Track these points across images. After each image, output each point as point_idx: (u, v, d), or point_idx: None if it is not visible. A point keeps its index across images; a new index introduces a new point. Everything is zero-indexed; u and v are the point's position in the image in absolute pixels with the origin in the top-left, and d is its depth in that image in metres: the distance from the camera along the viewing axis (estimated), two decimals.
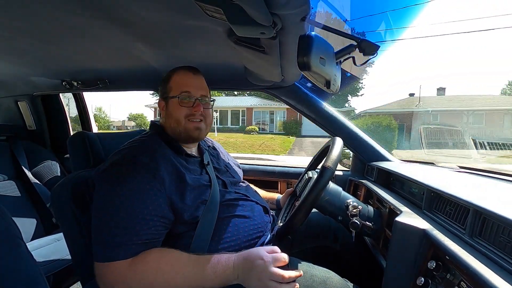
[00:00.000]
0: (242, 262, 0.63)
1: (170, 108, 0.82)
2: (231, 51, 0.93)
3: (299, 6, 0.53)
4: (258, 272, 0.61)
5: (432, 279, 0.56)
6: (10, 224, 0.45)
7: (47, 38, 0.88)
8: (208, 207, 0.74)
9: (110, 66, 1.22)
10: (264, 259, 0.62)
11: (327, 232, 1.01)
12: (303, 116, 1.38)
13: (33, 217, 1.41)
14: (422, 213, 0.72)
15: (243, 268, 0.62)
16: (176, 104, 0.80)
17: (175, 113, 0.80)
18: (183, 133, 0.81)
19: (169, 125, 0.82)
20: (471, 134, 7.35)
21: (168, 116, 0.82)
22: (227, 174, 0.93)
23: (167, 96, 0.83)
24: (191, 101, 0.81)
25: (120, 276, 0.60)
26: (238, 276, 0.62)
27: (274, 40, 0.67)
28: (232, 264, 0.63)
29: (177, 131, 0.81)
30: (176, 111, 0.80)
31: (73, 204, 0.76)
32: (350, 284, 0.75)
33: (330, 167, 0.75)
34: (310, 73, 0.62)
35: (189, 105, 0.81)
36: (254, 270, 0.61)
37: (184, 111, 0.80)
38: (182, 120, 0.80)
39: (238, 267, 0.63)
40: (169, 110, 0.82)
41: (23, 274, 0.43)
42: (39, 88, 1.66)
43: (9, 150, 1.53)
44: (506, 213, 0.46)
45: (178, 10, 0.66)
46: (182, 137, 0.82)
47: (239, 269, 0.63)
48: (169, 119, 0.82)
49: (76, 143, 0.89)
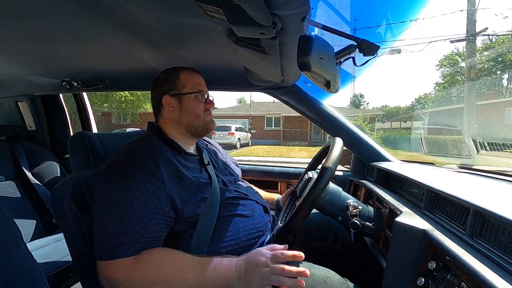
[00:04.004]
0: (243, 262, 0.64)
1: (187, 104, 0.85)
2: (231, 51, 0.93)
3: (299, 6, 0.53)
4: (259, 269, 0.61)
5: (432, 280, 0.56)
6: (11, 224, 0.45)
7: (47, 38, 0.88)
8: (208, 205, 0.74)
9: (110, 66, 1.22)
10: (264, 256, 0.63)
11: (327, 232, 1.01)
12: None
13: (33, 218, 1.41)
14: (422, 214, 0.72)
15: (244, 269, 0.63)
16: (194, 99, 0.85)
17: (194, 108, 0.85)
18: (201, 126, 0.86)
19: (186, 120, 0.85)
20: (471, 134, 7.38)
21: (184, 111, 0.85)
22: (225, 172, 0.93)
23: (179, 93, 0.84)
24: (204, 98, 0.87)
25: (123, 274, 0.60)
26: (240, 277, 0.62)
27: (274, 40, 0.67)
28: (234, 265, 0.63)
29: (195, 125, 0.85)
30: (195, 106, 0.85)
31: (73, 204, 0.76)
32: (350, 284, 0.75)
33: (330, 167, 0.75)
34: (310, 73, 0.61)
35: (203, 101, 0.87)
36: (255, 268, 0.62)
37: (202, 106, 0.86)
38: (202, 114, 0.86)
39: (240, 268, 0.63)
40: (185, 106, 0.85)
41: (23, 274, 0.43)
42: (39, 88, 1.66)
43: (9, 150, 1.53)
44: (506, 213, 0.46)
45: (178, 10, 0.66)
46: (199, 130, 0.86)
47: (240, 270, 0.63)
48: (186, 114, 0.85)
49: (76, 143, 0.89)
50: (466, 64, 9.22)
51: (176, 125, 0.85)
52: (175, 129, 0.85)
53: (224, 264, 0.63)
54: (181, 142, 0.85)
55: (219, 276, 0.62)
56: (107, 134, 1.00)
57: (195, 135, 0.88)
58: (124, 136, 1.03)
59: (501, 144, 1.22)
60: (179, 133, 0.86)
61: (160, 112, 0.86)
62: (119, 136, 1.03)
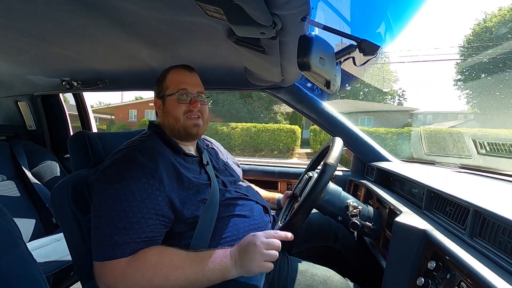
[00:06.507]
0: (236, 248, 0.65)
1: (168, 106, 0.82)
2: (231, 51, 0.93)
3: (299, 6, 0.53)
4: (252, 247, 0.62)
5: (432, 280, 0.56)
6: (10, 224, 0.45)
7: (47, 38, 0.88)
8: (207, 206, 0.74)
9: (110, 66, 1.22)
10: (256, 235, 0.64)
11: (327, 232, 1.01)
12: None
13: (33, 217, 1.41)
14: (422, 213, 0.72)
15: (238, 253, 0.64)
16: (174, 101, 0.81)
17: (173, 110, 0.81)
18: (181, 130, 0.81)
19: (167, 123, 0.82)
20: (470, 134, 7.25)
21: (166, 114, 0.83)
22: (226, 173, 0.93)
23: (164, 94, 0.83)
24: (188, 98, 0.82)
25: (119, 275, 0.60)
26: (236, 262, 0.63)
27: (274, 40, 0.67)
28: (229, 253, 0.65)
29: (175, 129, 0.82)
30: (174, 108, 0.81)
31: (73, 204, 0.76)
32: (350, 283, 0.75)
33: (332, 163, 0.75)
34: (310, 73, 0.61)
35: (186, 102, 0.81)
36: (248, 247, 0.63)
37: (182, 108, 0.81)
38: (181, 117, 0.81)
39: (234, 253, 0.64)
40: (166, 108, 0.82)
41: (23, 274, 0.43)
42: (39, 88, 1.66)
43: (9, 150, 1.53)
44: (506, 213, 0.46)
45: (178, 10, 0.66)
46: (181, 134, 0.82)
47: (235, 255, 0.64)
48: (167, 117, 0.82)
49: (76, 142, 0.89)
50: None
51: (167, 127, 0.84)
52: (168, 131, 0.84)
53: (219, 253, 0.64)
54: (180, 143, 0.85)
55: (215, 265, 0.62)
56: (108, 133, 1.00)
57: (179, 138, 0.84)
58: (124, 135, 1.03)
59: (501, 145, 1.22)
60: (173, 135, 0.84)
61: (157, 114, 0.87)
62: (120, 135, 1.03)
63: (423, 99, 45.14)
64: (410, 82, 44.13)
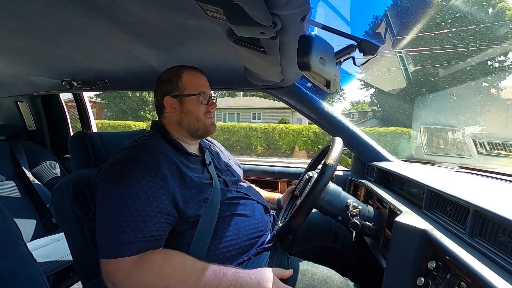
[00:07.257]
0: (252, 282, 0.64)
1: (188, 106, 0.84)
2: (231, 51, 0.93)
3: (299, 6, 0.53)
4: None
5: (432, 279, 0.56)
6: (10, 224, 0.45)
7: (47, 38, 0.88)
8: (209, 206, 0.74)
9: (110, 66, 1.22)
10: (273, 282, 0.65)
11: (327, 232, 1.01)
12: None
13: (33, 217, 1.41)
14: (422, 213, 0.72)
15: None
16: (196, 102, 0.84)
17: (195, 111, 0.84)
18: (201, 129, 0.86)
19: (186, 123, 0.84)
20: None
21: (186, 114, 0.84)
22: (227, 173, 0.93)
23: (181, 94, 0.83)
24: (206, 100, 0.86)
25: (125, 273, 0.60)
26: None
27: (274, 40, 0.67)
28: (241, 281, 0.64)
29: (195, 128, 0.85)
30: (196, 108, 0.84)
31: (74, 203, 0.76)
32: (350, 283, 0.75)
33: (332, 164, 0.75)
34: (310, 73, 0.61)
35: (205, 103, 0.86)
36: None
37: (203, 108, 0.85)
38: (202, 118, 0.85)
39: (246, 287, 0.63)
40: (186, 108, 0.84)
41: (23, 274, 0.43)
42: (39, 88, 1.66)
43: (9, 150, 1.53)
44: (506, 213, 0.46)
45: (178, 10, 0.66)
46: (199, 133, 0.86)
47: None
48: (187, 117, 0.84)
49: (77, 142, 0.89)
50: None
51: (177, 126, 0.85)
52: (176, 130, 0.85)
53: (229, 277, 0.63)
54: (184, 142, 0.86)
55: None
56: (108, 133, 1.00)
57: (195, 137, 0.88)
58: (125, 135, 1.03)
59: (500, 144, 1.22)
60: (181, 134, 0.86)
61: (162, 112, 0.86)
62: (120, 135, 1.03)
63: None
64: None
